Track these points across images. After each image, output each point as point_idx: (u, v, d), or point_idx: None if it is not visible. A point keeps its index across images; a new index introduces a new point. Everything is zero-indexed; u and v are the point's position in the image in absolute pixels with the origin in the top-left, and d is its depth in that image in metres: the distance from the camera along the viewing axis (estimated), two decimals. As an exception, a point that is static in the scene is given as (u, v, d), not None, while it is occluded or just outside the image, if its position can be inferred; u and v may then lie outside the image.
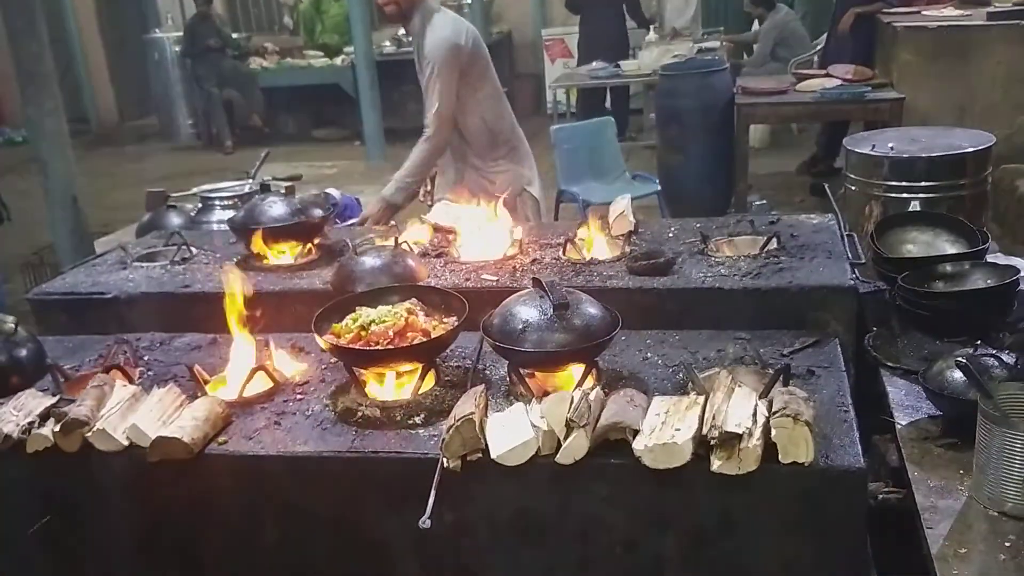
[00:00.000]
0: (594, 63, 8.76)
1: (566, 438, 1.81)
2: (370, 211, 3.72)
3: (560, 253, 2.82)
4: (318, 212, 3.05)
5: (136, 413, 2.04)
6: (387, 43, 11.10)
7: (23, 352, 2.41)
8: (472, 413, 1.85)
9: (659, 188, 6.13)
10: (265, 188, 3.15)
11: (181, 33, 11.60)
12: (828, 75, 6.46)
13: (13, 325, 2.44)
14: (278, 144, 5.67)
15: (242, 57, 11.46)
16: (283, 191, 3.12)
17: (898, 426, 2.00)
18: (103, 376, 2.20)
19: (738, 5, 10.88)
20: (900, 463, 1.98)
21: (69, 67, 12.36)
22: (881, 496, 2.04)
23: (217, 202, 3.81)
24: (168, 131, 12.35)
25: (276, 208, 2.93)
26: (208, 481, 1.98)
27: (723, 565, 1.85)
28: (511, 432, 1.86)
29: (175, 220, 3.82)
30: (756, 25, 9.53)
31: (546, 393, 2.00)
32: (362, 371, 2.17)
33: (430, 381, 2.18)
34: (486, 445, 1.85)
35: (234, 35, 11.77)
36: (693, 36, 9.70)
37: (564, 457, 1.81)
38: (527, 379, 2.11)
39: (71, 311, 2.81)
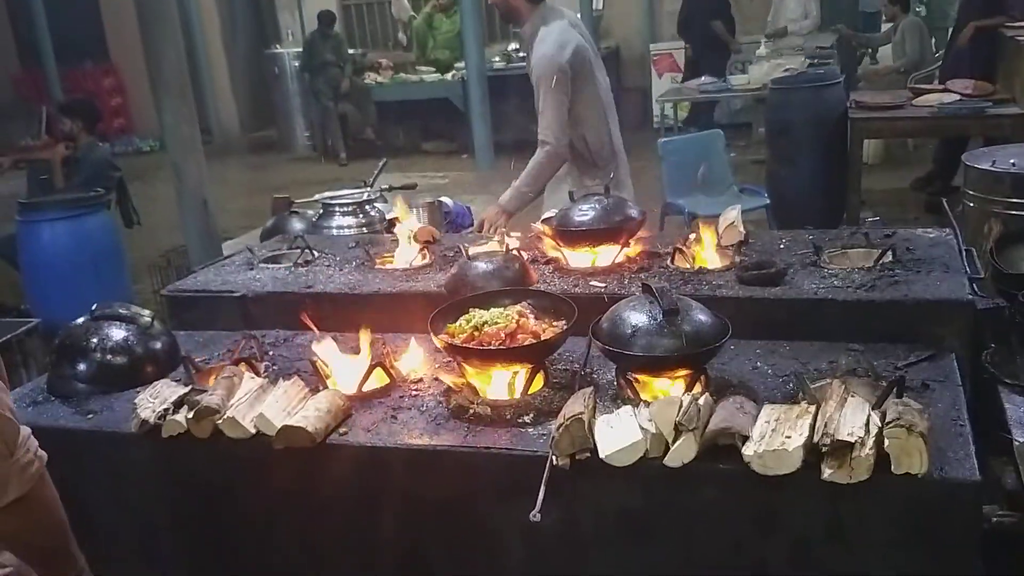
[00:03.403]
0: (703, 77, 8.73)
1: (674, 441, 1.83)
2: (486, 216, 3.74)
3: (668, 262, 2.84)
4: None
5: (263, 403, 2.16)
6: (496, 58, 11.28)
7: (158, 344, 2.58)
8: (582, 413, 1.89)
9: (768, 202, 6.07)
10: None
11: (301, 48, 12.06)
12: (947, 90, 6.29)
13: (150, 319, 2.61)
14: (388, 156, 5.89)
15: (358, 72, 11.82)
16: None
17: (1016, 443, 1.96)
18: (233, 368, 2.33)
19: (853, 9, 10.76)
20: (1016, 485, 1.94)
21: (194, 79, 12.95)
22: (995, 519, 1.99)
23: (337, 208, 3.96)
24: (286, 143, 12.84)
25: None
26: (329, 469, 2.08)
27: (829, 574, 1.84)
28: (620, 433, 1.89)
29: (297, 225, 3.99)
30: (883, 26, 9.40)
31: (653, 399, 2.03)
32: (474, 370, 2.23)
33: (539, 382, 2.23)
34: (595, 445, 1.88)
35: (351, 51, 12.15)
36: (806, 42, 9.61)
37: (672, 460, 1.83)
38: (634, 384, 2.14)
39: (202, 307, 2.96)
